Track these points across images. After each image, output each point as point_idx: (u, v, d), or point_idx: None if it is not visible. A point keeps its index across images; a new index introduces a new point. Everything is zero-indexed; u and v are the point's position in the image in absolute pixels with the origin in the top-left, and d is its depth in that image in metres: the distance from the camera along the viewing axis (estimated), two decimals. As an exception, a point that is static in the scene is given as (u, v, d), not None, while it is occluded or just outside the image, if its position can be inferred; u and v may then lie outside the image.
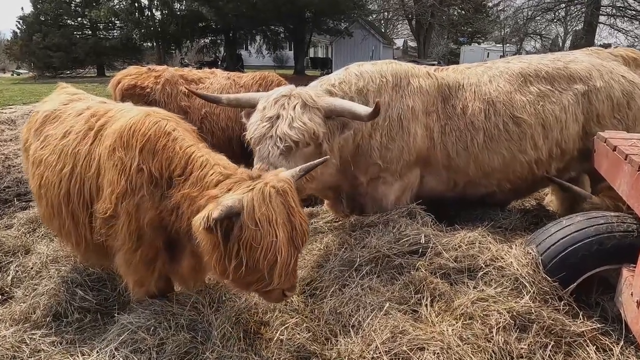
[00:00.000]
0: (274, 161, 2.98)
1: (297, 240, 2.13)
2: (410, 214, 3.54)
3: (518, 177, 3.82)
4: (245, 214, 1.99)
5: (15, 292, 3.50)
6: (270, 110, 3.12)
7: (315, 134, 3.09)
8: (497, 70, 3.88)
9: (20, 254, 4.15)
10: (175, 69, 5.74)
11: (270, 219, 2.00)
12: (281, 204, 2.07)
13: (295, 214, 2.11)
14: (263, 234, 1.99)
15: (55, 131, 3.03)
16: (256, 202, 2.01)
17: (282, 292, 2.26)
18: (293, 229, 2.09)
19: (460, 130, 3.73)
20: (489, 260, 2.85)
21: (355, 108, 3.20)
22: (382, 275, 2.98)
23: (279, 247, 2.01)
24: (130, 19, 34.67)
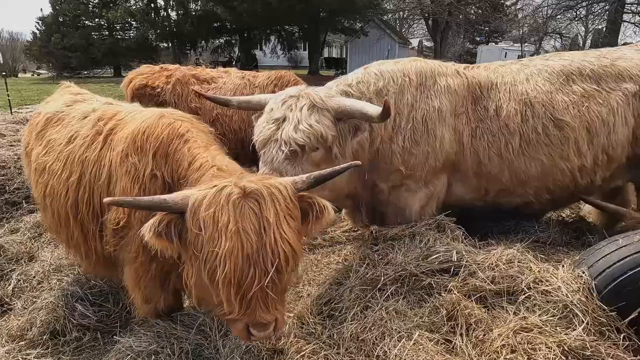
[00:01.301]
0: (278, 166, 2.76)
1: (266, 261, 1.67)
2: (439, 227, 3.22)
3: (558, 186, 3.46)
4: (188, 213, 1.68)
5: (16, 304, 3.33)
6: (277, 111, 2.89)
7: (324, 137, 2.83)
8: (535, 68, 3.53)
9: (24, 260, 3.99)
10: (187, 68, 5.51)
11: (217, 222, 1.63)
12: (249, 211, 1.67)
13: (270, 227, 1.69)
14: (205, 240, 1.63)
15: (59, 135, 2.83)
16: (206, 200, 1.66)
17: (247, 327, 1.82)
18: (261, 246, 1.66)
19: (493, 133, 3.40)
20: (531, 282, 2.51)
21: (366, 108, 2.92)
22: (409, 297, 2.67)
23: (220, 259, 1.61)
24: (146, 20, 34.96)
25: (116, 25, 37.52)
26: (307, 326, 2.70)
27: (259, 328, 1.79)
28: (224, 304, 1.71)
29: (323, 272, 3.37)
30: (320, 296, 2.95)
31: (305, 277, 3.34)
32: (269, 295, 1.73)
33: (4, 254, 4.01)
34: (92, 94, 3.51)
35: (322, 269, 3.43)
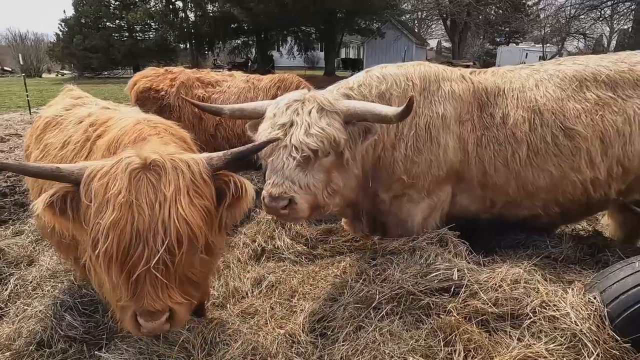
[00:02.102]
0: (289, 174, 2.62)
1: (156, 239, 1.51)
2: (441, 241, 3.05)
3: (569, 199, 3.24)
4: (82, 183, 1.56)
5: (10, 310, 3.27)
6: (282, 116, 2.75)
7: (336, 141, 2.69)
8: (546, 74, 3.32)
9: (24, 265, 3.96)
10: (192, 71, 5.44)
11: (107, 192, 1.49)
12: (146, 183, 1.53)
13: (166, 203, 1.53)
14: (93, 212, 1.49)
15: (55, 140, 2.78)
16: (102, 170, 1.53)
17: (135, 315, 1.63)
18: (154, 222, 1.50)
19: (499, 142, 3.20)
20: (537, 306, 2.32)
21: (379, 109, 2.77)
22: (405, 317, 2.51)
23: (103, 232, 1.46)
24: (165, 21, 35.43)
25: (136, 27, 38.15)
26: (297, 345, 2.57)
27: (146, 317, 1.62)
28: (108, 286, 1.56)
29: (319, 285, 3.23)
30: (313, 312, 2.82)
31: (301, 291, 3.21)
32: (159, 279, 1.56)
33: (4, 258, 4.00)
34: (93, 97, 3.45)
35: (319, 281, 3.29)
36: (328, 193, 2.82)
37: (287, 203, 2.59)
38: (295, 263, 3.67)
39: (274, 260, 3.73)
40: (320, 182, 2.73)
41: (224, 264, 3.72)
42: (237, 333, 2.54)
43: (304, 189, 2.65)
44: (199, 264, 1.76)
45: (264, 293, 3.28)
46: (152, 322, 1.61)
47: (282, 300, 3.12)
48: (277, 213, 2.65)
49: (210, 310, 3.09)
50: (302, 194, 2.64)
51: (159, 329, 1.66)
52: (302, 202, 2.64)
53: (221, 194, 1.79)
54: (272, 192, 2.58)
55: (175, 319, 1.68)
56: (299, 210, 2.65)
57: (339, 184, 2.87)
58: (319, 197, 2.76)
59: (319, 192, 2.74)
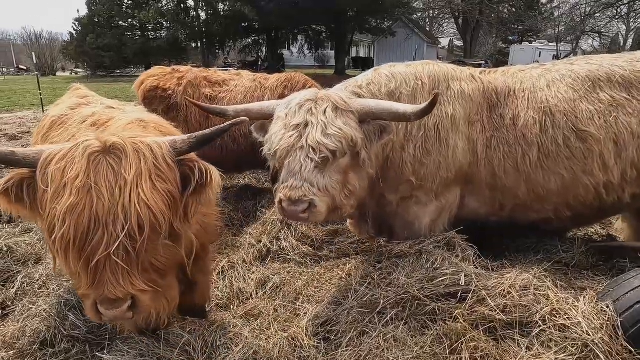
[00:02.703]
0: (308, 176, 2.53)
1: (116, 224, 1.46)
2: (449, 245, 2.98)
3: (580, 203, 3.15)
4: (38, 168, 1.51)
5: (16, 308, 3.29)
6: (296, 117, 2.65)
7: (354, 141, 2.61)
8: (558, 74, 3.22)
9: (31, 262, 3.98)
10: (199, 70, 5.42)
11: (64, 176, 1.44)
12: (106, 167, 1.48)
13: (126, 186, 1.48)
14: (49, 197, 1.44)
15: (59, 139, 2.76)
16: (60, 154, 1.48)
17: (95, 303, 1.57)
18: (114, 206, 1.45)
19: (509, 144, 3.12)
20: (547, 314, 2.25)
21: (396, 107, 2.69)
22: (410, 323, 2.46)
23: (59, 217, 1.41)
24: (177, 20, 35.68)
25: (148, 26, 38.51)
26: (300, 349, 2.52)
27: (107, 305, 1.55)
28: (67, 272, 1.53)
29: (324, 288, 3.18)
30: (317, 316, 2.77)
31: (305, 293, 3.16)
32: (119, 266, 1.51)
33: (12, 255, 4.02)
34: (99, 96, 3.44)
35: (324, 284, 3.24)
36: (345, 194, 2.75)
37: (307, 207, 2.50)
38: (301, 264, 3.63)
39: (279, 262, 3.70)
40: (337, 184, 2.66)
41: (229, 264, 3.69)
42: (239, 336, 2.50)
43: (323, 191, 2.56)
44: (163, 251, 1.70)
45: (268, 295, 3.25)
46: (113, 310, 1.57)
47: (286, 303, 3.09)
48: (296, 217, 2.56)
49: (214, 311, 3.07)
50: (321, 197, 2.55)
51: (120, 317, 1.61)
52: (322, 205, 2.56)
53: (185, 180, 1.73)
54: (292, 195, 2.48)
55: (139, 307, 1.62)
56: (317, 214, 2.56)
57: (355, 184, 2.80)
58: (337, 199, 2.68)
59: (337, 193, 2.66)
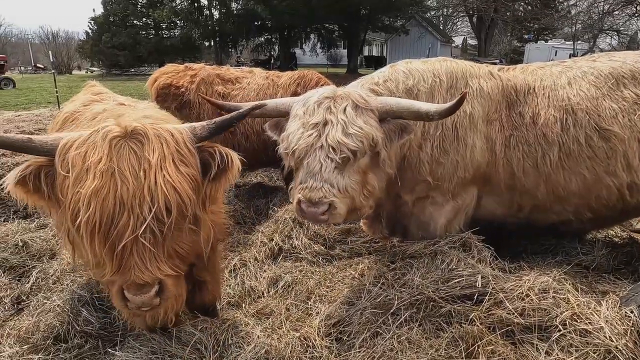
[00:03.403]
0: (328, 177, 2.47)
1: (142, 207, 1.42)
2: (464, 245, 2.92)
3: (603, 204, 3.05)
4: (57, 155, 1.46)
5: (31, 302, 3.32)
6: (314, 115, 2.58)
7: (374, 141, 2.56)
8: (580, 71, 3.13)
9: (46, 258, 4.02)
10: (212, 68, 5.42)
11: (85, 161, 1.40)
12: (128, 151, 1.44)
13: (150, 169, 1.44)
14: (71, 182, 1.39)
15: None
16: (79, 140, 1.43)
17: (121, 290, 1.53)
18: (139, 189, 1.41)
19: (528, 143, 3.04)
20: (568, 318, 2.18)
21: (417, 106, 2.63)
22: (424, 325, 2.40)
23: (84, 201, 1.36)
24: (190, 19, 35.90)
25: (162, 25, 38.84)
26: (312, 349, 2.48)
27: (134, 290, 1.50)
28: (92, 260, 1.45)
29: (336, 287, 3.14)
30: (329, 316, 2.73)
31: (317, 292, 3.13)
32: (147, 248, 1.47)
33: (27, 250, 4.06)
34: (112, 93, 3.45)
35: (336, 283, 3.20)
36: (364, 195, 2.69)
37: (327, 208, 2.44)
38: (313, 263, 3.59)
39: (291, 260, 3.67)
40: (357, 184, 2.60)
41: (241, 262, 3.68)
42: (251, 335, 2.48)
43: (343, 192, 2.50)
44: (186, 237, 1.67)
45: (280, 293, 3.22)
46: (141, 296, 1.51)
47: (298, 302, 3.05)
48: (315, 219, 2.50)
49: (225, 309, 3.05)
50: (341, 198, 2.49)
51: (148, 302, 1.56)
52: (342, 207, 2.50)
53: (205, 166, 1.70)
54: (312, 197, 2.43)
55: (165, 292, 1.58)
56: (337, 215, 2.51)
57: (374, 185, 2.74)
58: (357, 200, 2.63)
59: (356, 194, 2.60)
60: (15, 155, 7.54)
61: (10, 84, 23.74)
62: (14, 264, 3.73)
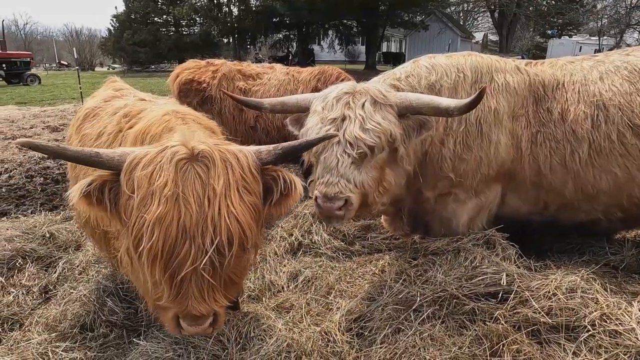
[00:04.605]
0: (344, 172, 2.46)
1: (205, 237, 1.39)
2: (488, 243, 2.87)
3: (634, 203, 2.96)
4: (123, 172, 1.44)
5: (58, 292, 3.40)
6: (333, 110, 2.58)
7: (393, 136, 2.54)
8: (612, 65, 3.03)
9: (72, 249, 4.11)
10: (233, 64, 5.46)
11: (151, 183, 1.36)
12: (193, 175, 1.40)
13: (215, 197, 1.40)
14: (136, 204, 1.37)
15: (92, 130, 2.80)
16: (146, 158, 1.40)
17: (177, 317, 1.52)
18: (202, 218, 1.38)
19: (556, 140, 2.96)
20: (597, 318, 2.12)
21: (437, 101, 2.59)
22: (447, 322, 2.37)
23: (148, 227, 1.34)
24: (209, 16, 36.23)
25: (182, 22, 39.34)
26: (333, 344, 2.48)
27: (190, 321, 1.50)
28: (150, 286, 1.43)
29: (357, 283, 3.13)
30: (350, 311, 2.72)
31: (338, 288, 3.12)
32: (205, 280, 1.44)
33: (54, 242, 4.17)
34: (133, 89, 3.49)
35: (356, 279, 3.19)
36: (379, 192, 2.68)
37: (343, 203, 2.44)
38: (332, 259, 3.59)
39: (311, 255, 3.67)
40: (373, 180, 2.59)
41: (261, 257, 3.70)
42: (272, 328, 2.49)
43: (359, 187, 2.50)
44: (243, 264, 1.66)
45: (300, 288, 3.23)
46: (196, 327, 1.52)
47: (318, 297, 3.05)
48: (331, 214, 2.47)
49: (246, 302, 3.08)
50: (357, 193, 2.49)
51: (202, 333, 1.57)
52: (357, 202, 2.51)
53: (267, 191, 1.67)
54: (328, 192, 2.43)
55: (218, 322, 1.58)
56: (352, 211, 2.51)
57: (391, 181, 2.73)
58: (370, 196, 2.62)
59: (371, 190, 2.59)
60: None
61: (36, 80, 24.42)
62: (42, 254, 3.83)
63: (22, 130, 10.19)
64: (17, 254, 3.74)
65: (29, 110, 13.72)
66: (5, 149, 8.22)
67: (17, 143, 1.52)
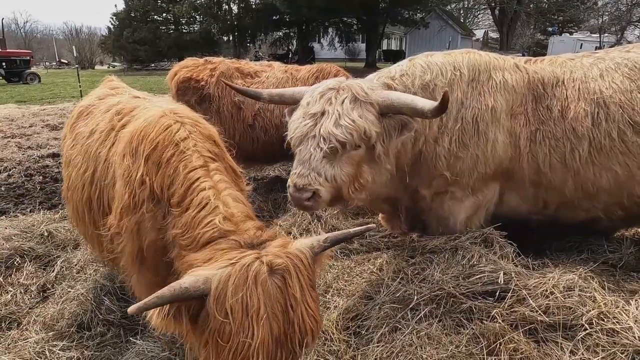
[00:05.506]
0: (316, 165, 2.53)
1: (294, 341, 1.51)
2: (486, 241, 2.86)
3: (635, 202, 2.94)
4: (211, 298, 1.46)
5: (56, 290, 3.40)
6: (315, 105, 2.64)
7: (367, 134, 2.56)
8: (612, 62, 3.01)
9: (70, 248, 4.11)
10: (231, 62, 5.44)
11: (248, 309, 1.44)
12: (276, 291, 1.50)
13: (297, 305, 1.51)
14: (234, 330, 1.42)
15: (85, 128, 2.79)
16: (232, 283, 1.46)
17: None
18: (289, 326, 1.49)
19: (556, 138, 2.95)
20: (594, 317, 2.12)
21: (415, 102, 2.59)
22: (444, 321, 2.37)
23: (254, 351, 1.43)
24: (209, 14, 36.19)
25: (181, 20, 39.24)
26: (330, 343, 2.48)
27: None
28: None
29: (354, 281, 3.12)
30: (348, 310, 2.72)
31: (335, 286, 3.12)
32: None
33: (52, 240, 4.16)
34: (129, 88, 3.47)
35: (354, 277, 3.18)
36: (355, 187, 2.71)
37: (310, 195, 2.53)
38: (330, 257, 3.58)
39: (309, 254, 3.66)
40: (347, 176, 2.63)
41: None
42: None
43: (330, 181, 2.56)
44: None
45: (298, 287, 3.22)
46: None
47: (316, 295, 3.05)
48: (300, 204, 2.60)
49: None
50: (327, 186, 2.56)
51: None
52: (326, 195, 2.57)
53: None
54: (297, 183, 2.53)
55: None
56: (321, 203, 2.60)
57: (367, 178, 2.75)
58: (345, 190, 2.66)
59: (345, 185, 2.64)
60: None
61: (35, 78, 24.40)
62: (40, 253, 3.83)
63: (22, 128, 10.18)
64: (15, 253, 3.74)
65: (29, 108, 13.71)
66: (5, 147, 8.22)
67: (130, 312, 1.45)
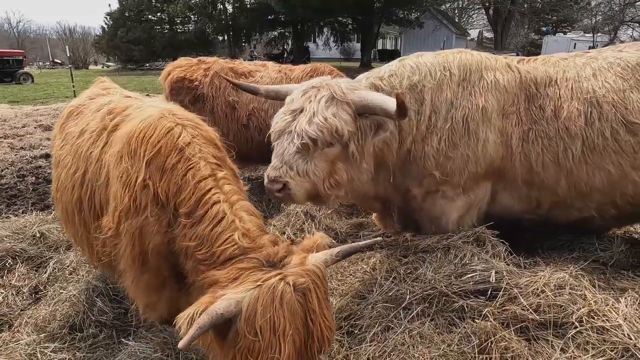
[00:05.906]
0: (289, 159, 2.62)
1: (313, 350, 1.65)
2: (478, 240, 2.87)
3: (628, 201, 2.96)
4: (242, 320, 1.55)
5: (48, 292, 3.38)
6: (296, 102, 2.75)
7: (339, 133, 2.62)
8: (605, 62, 3.02)
9: (62, 249, 4.07)
10: (225, 61, 5.42)
11: (275, 328, 1.55)
12: (298, 307, 1.60)
13: (316, 318, 1.64)
14: (263, 347, 1.53)
15: (75, 128, 2.77)
16: (260, 305, 1.56)
17: None
18: (309, 338, 1.62)
19: (549, 137, 2.96)
20: (584, 315, 2.13)
21: (386, 104, 2.63)
22: (437, 320, 2.38)
23: None
24: (204, 13, 36.10)
25: (176, 19, 39.14)
26: (323, 342, 2.48)
27: None
28: None
29: (347, 281, 3.13)
30: (340, 309, 2.72)
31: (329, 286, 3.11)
32: None
33: (44, 242, 4.13)
34: (120, 88, 3.45)
35: (347, 277, 3.19)
36: (330, 184, 2.76)
37: (281, 187, 2.62)
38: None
39: (303, 254, 3.66)
40: (321, 172, 2.69)
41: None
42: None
43: (302, 175, 2.64)
44: None
45: (291, 287, 3.22)
46: None
47: (309, 295, 3.05)
48: (273, 195, 2.71)
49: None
50: (299, 181, 2.64)
51: None
52: (298, 189, 2.65)
53: None
54: (270, 174, 2.64)
55: None
56: (292, 196, 2.68)
57: (342, 176, 2.79)
58: (319, 186, 2.72)
59: (319, 181, 2.70)
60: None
61: (29, 78, 24.26)
62: (32, 254, 3.80)
63: (15, 129, 10.09)
64: (7, 254, 3.71)
65: (22, 109, 13.62)
66: (-3, 148, 8.15)
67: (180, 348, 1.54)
